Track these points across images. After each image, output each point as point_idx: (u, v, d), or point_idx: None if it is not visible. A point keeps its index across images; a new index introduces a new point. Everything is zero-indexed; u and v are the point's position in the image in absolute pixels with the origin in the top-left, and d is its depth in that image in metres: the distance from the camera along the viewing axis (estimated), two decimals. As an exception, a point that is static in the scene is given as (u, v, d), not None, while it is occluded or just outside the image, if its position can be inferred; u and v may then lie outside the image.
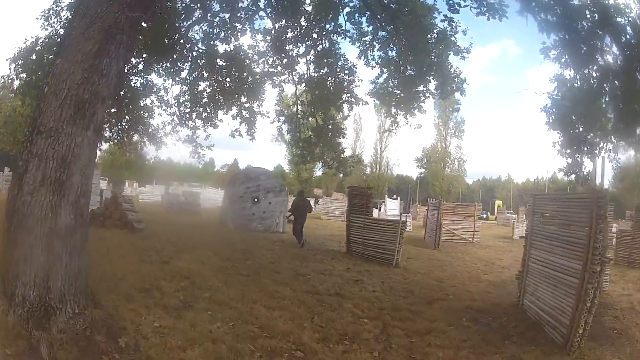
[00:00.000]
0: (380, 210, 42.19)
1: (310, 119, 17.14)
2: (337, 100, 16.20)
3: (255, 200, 21.02)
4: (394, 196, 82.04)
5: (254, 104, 17.19)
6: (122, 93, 17.25)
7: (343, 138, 17.20)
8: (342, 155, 16.89)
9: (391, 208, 36.33)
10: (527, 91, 74.90)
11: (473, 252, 20.04)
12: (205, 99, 17.32)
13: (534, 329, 7.64)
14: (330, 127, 16.58)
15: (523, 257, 9.28)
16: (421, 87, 14.62)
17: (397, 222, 14.13)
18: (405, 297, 9.60)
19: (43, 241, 4.96)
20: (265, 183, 21.45)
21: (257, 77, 16.87)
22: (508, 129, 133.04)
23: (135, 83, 17.79)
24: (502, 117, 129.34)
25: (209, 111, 17.60)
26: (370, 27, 14.90)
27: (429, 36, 13.39)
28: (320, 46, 15.91)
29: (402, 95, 15.02)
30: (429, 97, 15.01)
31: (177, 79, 17.52)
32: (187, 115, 17.85)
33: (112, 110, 19.00)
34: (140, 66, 17.47)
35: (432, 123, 78.82)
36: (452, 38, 13.43)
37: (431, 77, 14.25)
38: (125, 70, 17.13)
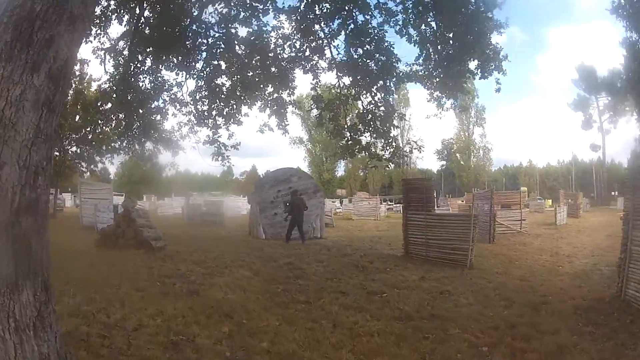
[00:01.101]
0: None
1: (351, 103, 14.54)
2: (380, 80, 13.59)
3: (288, 204, 18.53)
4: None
5: (282, 93, 14.69)
6: (129, 97, 15.02)
7: (401, 121, 14.53)
8: (394, 143, 14.23)
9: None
10: (539, 75, 71.75)
11: (529, 243, 17.87)
12: (225, 93, 14.85)
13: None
14: (379, 110, 13.95)
15: (622, 242, 8.05)
16: (460, 67, 13.07)
17: (469, 217, 12.01)
18: (508, 307, 7.67)
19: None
20: (298, 184, 19.01)
21: (284, 63, 14.36)
22: (524, 115, 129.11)
23: (143, 82, 15.47)
24: (515, 104, 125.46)
25: (230, 106, 15.13)
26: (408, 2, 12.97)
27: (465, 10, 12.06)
28: (352, 25, 13.39)
29: (442, 76, 13.44)
30: (469, 77, 13.64)
31: (191, 72, 15.14)
32: (206, 113, 15.48)
33: (120, 116, 16.83)
34: (148, 62, 15.12)
35: (452, 112, 75.70)
36: (489, 13, 12.19)
37: (471, 56, 12.87)
38: (131, 70, 15.06)
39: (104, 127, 21.68)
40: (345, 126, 14.79)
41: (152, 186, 50.29)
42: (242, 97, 14.94)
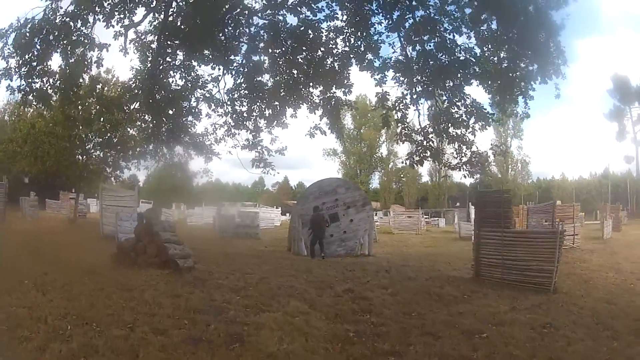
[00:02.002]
0: (454, 220, 37.48)
1: (422, 102, 12.31)
2: (454, 77, 11.54)
3: (334, 218, 16.44)
4: (457, 204, 77.04)
5: (336, 91, 12.64)
6: (157, 95, 13.14)
7: (488, 122, 12.08)
8: (472, 148, 11.92)
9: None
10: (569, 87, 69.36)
11: (587, 260, 16.32)
12: (268, 92, 12.81)
13: None
14: (458, 110, 11.71)
15: None
16: (521, 70, 11.61)
17: (554, 234, 10.65)
18: (615, 338, 6.52)
19: None
20: (345, 196, 17.07)
21: (337, 58, 12.29)
22: (555, 127, 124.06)
23: (173, 78, 13.54)
24: (546, 115, 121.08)
25: (273, 107, 13.09)
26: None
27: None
28: (411, 19, 11.42)
29: (500, 81, 11.82)
30: (530, 82, 11.69)
31: (230, 67, 13.14)
32: (246, 114, 13.44)
33: (147, 117, 14.98)
34: (180, 56, 13.17)
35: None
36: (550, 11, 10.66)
37: (531, 59, 11.29)
38: (160, 65, 13.19)
39: (129, 130, 19.95)
40: (417, 129, 12.52)
41: (183, 195, 48.87)
42: (287, 98, 12.84)
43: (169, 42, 12.60)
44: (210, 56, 12.39)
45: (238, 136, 13.64)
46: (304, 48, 12.19)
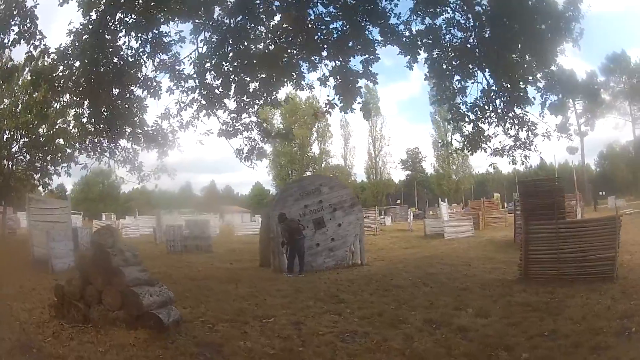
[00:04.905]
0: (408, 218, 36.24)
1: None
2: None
3: (320, 224, 13.65)
4: (397, 201, 76.63)
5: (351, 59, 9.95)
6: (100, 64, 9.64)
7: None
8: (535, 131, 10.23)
9: (444, 213, 28.90)
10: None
11: None
12: (263, 57, 9.71)
13: None
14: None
15: None
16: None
17: (613, 219, 10.08)
18: None
19: None
20: (330, 196, 14.14)
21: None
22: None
23: (126, 40, 10.09)
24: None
25: (263, 78, 10.11)
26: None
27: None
28: None
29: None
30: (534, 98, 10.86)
31: (208, 22, 9.94)
32: (221, 90, 10.24)
33: (76, 99, 11.21)
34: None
35: (429, 119, 74.17)
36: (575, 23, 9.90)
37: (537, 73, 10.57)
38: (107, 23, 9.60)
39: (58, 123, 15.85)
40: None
41: (111, 204, 43.78)
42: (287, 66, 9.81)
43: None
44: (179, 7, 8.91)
45: (213, 118, 10.41)
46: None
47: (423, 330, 6.26)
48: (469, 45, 10.49)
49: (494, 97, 10.37)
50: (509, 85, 10.56)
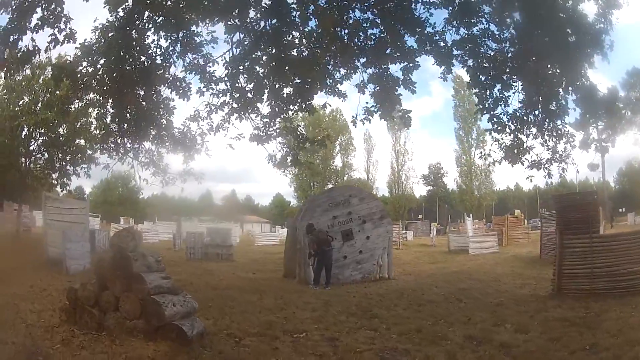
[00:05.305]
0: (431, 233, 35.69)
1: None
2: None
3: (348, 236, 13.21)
4: (419, 216, 75.68)
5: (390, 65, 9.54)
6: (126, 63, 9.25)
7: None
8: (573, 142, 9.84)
9: (469, 228, 28.21)
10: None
11: None
12: (298, 61, 9.27)
13: None
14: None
15: None
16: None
17: None
18: None
19: None
20: (359, 208, 13.68)
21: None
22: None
23: (154, 39, 9.72)
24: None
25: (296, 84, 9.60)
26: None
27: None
28: None
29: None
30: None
31: (244, 24, 9.48)
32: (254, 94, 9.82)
33: (100, 97, 10.83)
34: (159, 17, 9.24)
35: (450, 134, 73.14)
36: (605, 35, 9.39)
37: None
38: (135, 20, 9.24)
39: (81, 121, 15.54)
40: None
41: (129, 208, 43.61)
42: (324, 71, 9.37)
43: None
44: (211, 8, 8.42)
45: (245, 122, 9.91)
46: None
47: (465, 347, 5.90)
48: (503, 57, 10.07)
49: (533, 108, 10.00)
50: (540, 98, 10.19)
